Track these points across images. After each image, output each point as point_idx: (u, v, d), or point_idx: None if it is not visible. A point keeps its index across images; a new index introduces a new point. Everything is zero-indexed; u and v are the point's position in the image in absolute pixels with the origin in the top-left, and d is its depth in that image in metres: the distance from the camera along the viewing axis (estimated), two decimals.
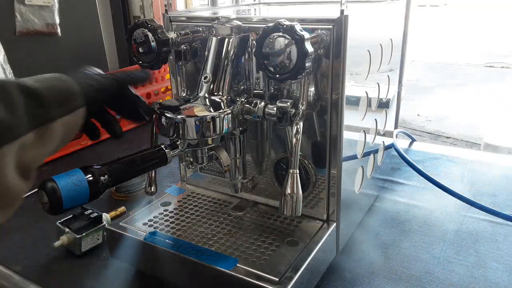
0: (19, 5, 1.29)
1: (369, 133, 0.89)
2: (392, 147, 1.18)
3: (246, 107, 0.69)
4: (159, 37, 0.71)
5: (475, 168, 1.23)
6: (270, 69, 0.64)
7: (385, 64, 0.93)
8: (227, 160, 0.75)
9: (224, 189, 0.92)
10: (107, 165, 0.55)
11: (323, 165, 0.77)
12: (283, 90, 0.74)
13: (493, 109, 4.09)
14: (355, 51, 0.72)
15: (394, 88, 1.06)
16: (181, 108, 0.67)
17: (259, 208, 0.86)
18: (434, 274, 0.81)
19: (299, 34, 0.61)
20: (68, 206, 0.50)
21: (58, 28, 1.40)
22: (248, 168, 0.83)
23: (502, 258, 0.85)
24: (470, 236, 0.92)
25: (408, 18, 1.11)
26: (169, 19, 0.84)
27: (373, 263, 0.84)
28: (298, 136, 0.67)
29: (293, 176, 0.67)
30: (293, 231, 0.78)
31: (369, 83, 0.84)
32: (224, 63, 0.71)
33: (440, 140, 3.56)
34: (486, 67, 5.90)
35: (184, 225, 0.80)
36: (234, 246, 0.74)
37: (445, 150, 1.37)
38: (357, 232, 0.93)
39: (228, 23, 0.71)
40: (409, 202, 1.05)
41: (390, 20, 0.98)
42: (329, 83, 0.71)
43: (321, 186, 0.79)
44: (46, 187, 0.49)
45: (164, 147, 0.63)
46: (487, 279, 0.79)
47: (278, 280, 0.66)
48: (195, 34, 0.78)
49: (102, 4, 1.71)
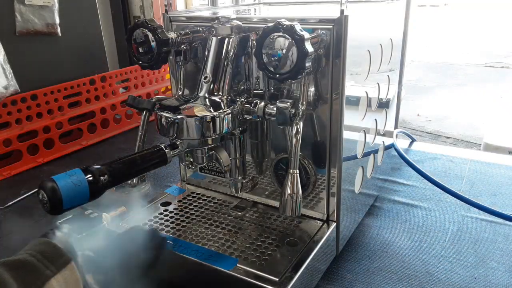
0: (19, 5, 1.29)
1: (369, 133, 0.89)
2: (392, 147, 1.18)
3: (246, 107, 0.69)
4: (159, 37, 0.71)
5: (475, 168, 1.23)
6: (270, 69, 0.64)
7: (385, 64, 0.93)
8: (227, 160, 0.75)
9: (224, 189, 0.92)
10: (107, 165, 0.55)
11: (323, 165, 0.77)
12: (283, 90, 0.74)
13: (493, 109, 4.09)
14: (355, 51, 0.72)
15: (394, 88, 1.06)
16: (181, 108, 0.67)
17: (259, 208, 0.86)
18: (434, 274, 0.81)
19: (299, 34, 0.61)
20: (68, 206, 0.50)
21: (58, 28, 1.40)
22: (248, 168, 0.83)
23: (502, 258, 0.85)
24: (470, 236, 0.92)
25: (408, 18, 1.11)
26: (169, 19, 0.84)
27: (373, 263, 0.84)
28: (298, 136, 0.67)
29: (293, 176, 0.67)
30: (293, 231, 0.78)
31: (369, 83, 0.84)
32: (224, 63, 0.71)
33: (440, 140, 3.56)
34: (486, 67, 5.90)
35: (184, 225, 0.80)
36: (234, 246, 0.74)
37: (445, 150, 1.37)
38: (357, 232, 0.93)
39: (228, 23, 0.71)
40: (409, 202, 1.05)
41: (390, 20, 0.98)
42: (329, 83, 0.71)
43: (321, 186, 0.79)
44: (46, 187, 0.49)
45: (164, 147, 0.63)
46: (487, 279, 0.79)
47: (278, 280, 0.66)
48: (195, 34, 0.78)
49: (102, 4, 1.71)
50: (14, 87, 1.24)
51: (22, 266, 0.50)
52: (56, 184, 0.49)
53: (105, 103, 1.52)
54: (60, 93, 1.38)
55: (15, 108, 1.25)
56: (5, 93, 1.21)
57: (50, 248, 0.54)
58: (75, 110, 1.43)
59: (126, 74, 1.61)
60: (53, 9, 1.38)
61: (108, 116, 1.52)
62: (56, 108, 1.37)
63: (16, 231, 0.97)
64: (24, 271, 0.50)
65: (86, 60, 1.53)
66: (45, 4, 1.35)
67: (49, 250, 0.53)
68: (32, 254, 0.52)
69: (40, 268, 0.51)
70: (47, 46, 1.40)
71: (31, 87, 1.31)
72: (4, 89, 1.20)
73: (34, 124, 1.31)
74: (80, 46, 1.51)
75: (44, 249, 0.53)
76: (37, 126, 1.30)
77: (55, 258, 0.53)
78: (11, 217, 1.03)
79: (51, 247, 0.54)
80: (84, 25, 1.52)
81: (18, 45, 1.32)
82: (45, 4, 1.35)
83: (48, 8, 1.36)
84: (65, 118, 1.38)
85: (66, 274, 0.53)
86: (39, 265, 0.51)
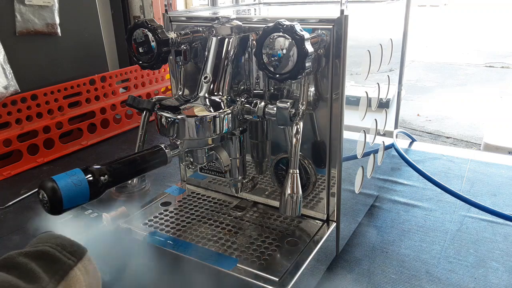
0: (19, 5, 1.29)
1: (369, 133, 0.89)
2: (392, 147, 1.18)
3: (246, 107, 0.69)
4: (159, 37, 0.71)
5: (475, 168, 1.23)
6: (270, 69, 0.64)
7: (385, 64, 0.93)
8: (227, 160, 0.75)
9: (224, 189, 0.92)
10: (107, 165, 0.55)
11: (323, 165, 0.77)
12: (283, 90, 0.74)
13: (493, 109, 4.09)
14: (355, 51, 0.72)
15: (394, 88, 1.06)
16: (181, 108, 0.67)
17: (259, 208, 0.86)
18: (434, 274, 0.81)
19: (299, 34, 0.61)
20: (68, 206, 0.50)
21: (58, 28, 1.40)
22: (248, 168, 0.83)
23: (502, 258, 0.85)
24: (470, 236, 0.92)
25: (408, 18, 1.11)
26: (169, 19, 0.84)
27: (373, 263, 0.84)
28: (298, 136, 0.67)
29: (293, 176, 0.67)
30: (293, 231, 0.78)
31: (369, 83, 0.84)
32: (224, 63, 0.71)
33: (440, 140, 3.56)
34: (486, 67, 5.90)
35: (184, 225, 0.80)
36: (234, 246, 0.74)
37: (445, 150, 1.37)
38: (357, 232, 0.93)
39: (228, 23, 0.71)
40: (409, 202, 1.05)
41: (390, 20, 0.99)
42: (329, 83, 0.71)
43: (321, 186, 0.79)
44: (46, 187, 0.49)
45: (164, 147, 0.63)
46: (487, 279, 0.79)
47: (278, 280, 0.66)
48: (195, 34, 0.78)
49: (102, 4, 1.72)
50: (14, 87, 1.24)
51: (45, 257, 0.52)
52: (56, 184, 0.49)
53: (105, 103, 1.52)
54: (60, 93, 1.38)
55: (15, 108, 1.25)
56: (5, 93, 1.21)
57: (66, 240, 0.55)
58: (75, 110, 1.43)
59: (126, 74, 1.61)
60: (53, 9, 1.38)
61: (108, 116, 1.52)
62: (56, 108, 1.37)
63: (16, 231, 0.97)
64: (48, 261, 0.52)
65: (86, 60, 1.53)
66: (45, 4, 1.35)
67: (66, 242, 0.55)
68: (51, 246, 0.54)
69: (62, 258, 0.53)
70: (47, 46, 1.40)
71: (31, 87, 1.31)
72: (4, 89, 1.20)
73: (34, 124, 1.31)
74: (80, 46, 1.51)
75: (61, 242, 0.55)
76: (37, 126, 1.30)
77: (73, 249, 0.55)
78: (11, 217, 1.03)
79: (67, 239, 0.56)
80: (84, 25, 1.52)
81: (18, 45, 1.32)
82: (45, 4, 1.35)
83: (48, 8, 1.36)
84: (65, 118, 1.38)
85: (85, 263, 0.55)
86: (60, 256, 0.53)
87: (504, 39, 7.63)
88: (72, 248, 0.55)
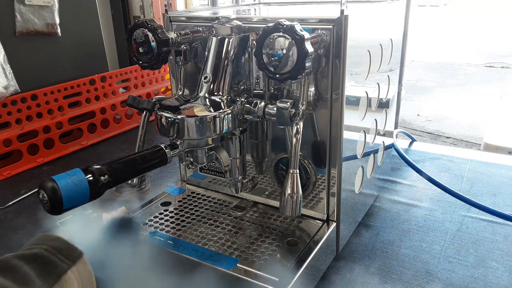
0: (19, 5, 1.29)
1: (369, 133, 0.89)
2: (392, 147, 1.18)
3: (246, 107, 0.69)
4: (159, 37, 0.71)
5: (475, 168, 1.23)
6: (270, 69, 0.64)
7: (385, 64, 0.93)
8: (227, 160, 0.75)
9: (224, 189, 0.92)
10: (107, 165, 0.55)
11: (323, 165, 0.77)
12: (283, 90, 0.74)
13: (493, 109, 4.09)
14: (355, 51, 0.72)
15: (394, 88, 1.06)
16: (181, 108, 0.67)
17: (259, 208, 0.86)
18: (434, 274, 0.81)
19: (299, 34, 0.61)
20: (69, 206, 0.50)
21: (58, 28, 1.40)
22: (248, 168, 0.83)
23: (502, 258, 0.85)
24: (470, 236, 0.92)
25: (408, 18, 1.11)
26: (169, 19, 0.84)
27: (373, 263, 0.84)
28: (298, 136, 0.67)
29: (293, 176, 0.67)
30: (293, 231, 0.78)
31: (369, 83, 0.84)
32: (224, 63, 0.71)
33: (440, 140, 3.56)
34: (486, 67, 5.90)
35: (184, 225, 0.80)
36: (234, 246, 0.74)
37: (445, 150, 1.37)
38: (357, 232, 0.93)
39: (228, 23, 0.71)
40: (409, 202, 1.05)
41: (390, 20, 0.99)
42: (329, 83, 0.71)
43: (321, 186, 0.79)
44: (46, 187, 0.49)
45: (164, 147, 0.63)
46: (487, 279, 0.79)
47: (278, 280, 0.66)
48: (195, 34, 0.78)
49: (102, 4, 1.71)
50: (14, 87, 1.24)
51: (39, 260, 0.52)
52: (56, 184, 0.49)
53: (105, 103, 1.52)
54: (60, 93, 1.38)
55: (15, 108, 1.25)
56: (5, 93, 1.21)
57: (63, 243, 0.56)
58: (75, 110, 1.43)
59: (126, 74, 1.61)
60: (53, 9, 1.38)
61: (108, 116, 1.52)
62: (56, 108, 1.37)
63: (16, 231, 0.97)
64: (42, 264, 0.52)
65: (86, 60, 1.53)
66: (45, 4, 1.35)
67: (62, 245, 0.55)
68: (47, 249, 0.54)
69: (56, 261, 0.53)
70: (47, 46, 1.40)
71: (31, 87, 1.31)
72: (4, 89, 1.20)
73: (34, 124, 1.31)
74: (80, 46, 1.51)
75: (57, 244, 0.55)
76: (37, 126, 1.30)
77: (68, 252, 0.55)
78: (11, 217, 1.03)
79: (63, 242, 0.56)
80: (84, 25, 1.52)
81: (18, 45, 1.32)
82: (45, 4, 1.35)
83: (48, 8, 1.36)
84: (65, 118, 1.38)
85: (80, 267, 0.55)
86: (55, 259, 0.53)
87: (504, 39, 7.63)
88: (67, 251, 0.55)
